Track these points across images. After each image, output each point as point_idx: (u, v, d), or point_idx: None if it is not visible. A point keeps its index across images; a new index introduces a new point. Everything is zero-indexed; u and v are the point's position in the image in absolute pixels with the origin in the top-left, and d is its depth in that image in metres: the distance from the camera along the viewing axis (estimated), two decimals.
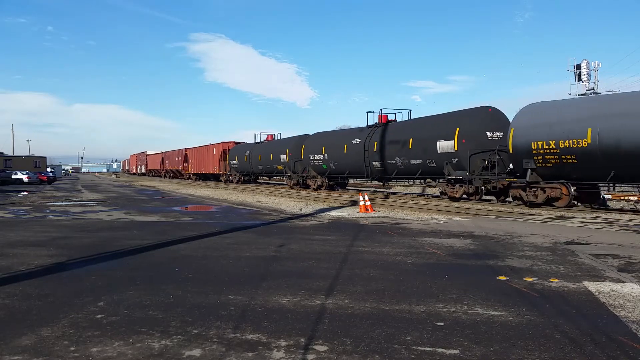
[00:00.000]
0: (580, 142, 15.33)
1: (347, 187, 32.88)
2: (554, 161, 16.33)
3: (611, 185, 16.86)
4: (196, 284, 6.26)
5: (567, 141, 15.71)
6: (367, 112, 26.93)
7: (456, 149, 19.86)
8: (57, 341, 4.21)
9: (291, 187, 34.45)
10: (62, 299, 5.58)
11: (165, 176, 73.24)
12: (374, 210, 16.58)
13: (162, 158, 75.91)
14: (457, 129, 19.90)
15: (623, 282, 6.17)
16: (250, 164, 41.17)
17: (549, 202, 16.98)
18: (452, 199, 20.47)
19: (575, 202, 17.33)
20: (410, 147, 22.21)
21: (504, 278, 6.45)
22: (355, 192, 26.36)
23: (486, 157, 19.26)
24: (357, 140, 26.47)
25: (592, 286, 5.93)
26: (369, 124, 26.41)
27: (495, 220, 13.62)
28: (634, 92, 15.79)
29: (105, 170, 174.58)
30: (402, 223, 13.06)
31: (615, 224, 12.30)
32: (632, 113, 14.15)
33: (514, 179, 18.25)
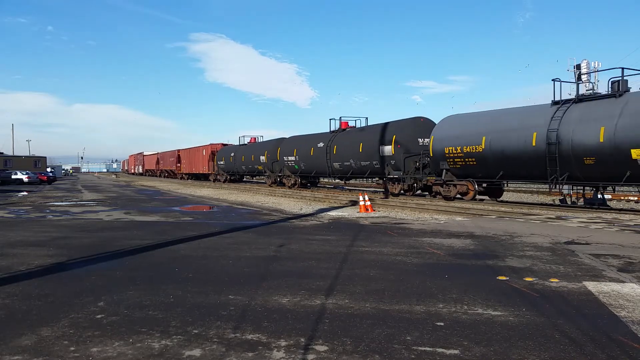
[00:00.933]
0: (477, 148, 19.42)
1: (317, 185, 37.31)
2: (461, 163, 20.39)
3: (504, 182, 20.73)
4: (196, 284, 6.26)
5: (468, 147, 19.81)
6: (330, 119, 30.64)
7: (393, 152, 23.88)
8: (57, 341, 4.21)
9: (269, 185, 38.11)
10: (62, 299, 5.58)
11: (160, 176, 75.31)
12: (374, 210, 16.59)
13: (157, 158, 78.27)
14: (394, 136, 23.98)
15: (623, 282, 6.17)
16: (235, 164, 44.78)
17: (460, 197, 21.00)
18: (393, 194, 24.36)
19: (484, 197, 21.62)
20: (360, 150, 26.32)
21: (504, 278, 6.45)
22: (346, 192, 26.45)
23: (417, 160, 23.25)
24: (321, 144, 30.41)
25: (592, 286, 5.93)
26: (331, 129, 30.24)
27: (495, 220, 13.62)
28: (514, 108, 19.66)
29: (105, 170, 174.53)
30: (402, 223, 13.07)
31: (615, 224, 12.30)
32: (511, 128, 18.48)
33: (435, 178, 22.09)
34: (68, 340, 4.22)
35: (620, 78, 16.11)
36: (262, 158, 39.03)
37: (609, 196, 21.06)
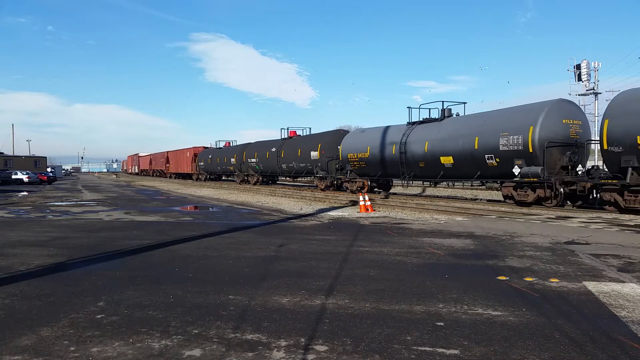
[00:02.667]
0: (365, 155, 26.60)
1: (277, 182, 43.89)
2: (358, 165, 27.41)
3: (389, 178, 26.73)
4: (196, 284, 6.26)
5: (361, 154, 26.88)
6: (281, 129, 38.12)
7: (319, 157, 31.06)
8: (57, 341, 4.21)
9: (239, 183, 44.45)
10: (62, 299, 5.58)
11: (152, 175, 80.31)
12: (374, 210, 16.59)
13: (150, 159, 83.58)
14: (320, 144, 31.25)
15: (623, 282, 6.16)
16: (212, 165, 51.83)
17: (359, 190, 25.98)
18: (322, 190, 30.72)
19: (380, 190, 28.03)
20: (299, 155, 33.42)
21: (504, 278, 6.45)
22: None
23: (337, 163, 29.74)
24: (273, 149, 37.28)
25: (592, 286, 5.93)
26: (282, 137, 37.62)
27: (495, 220, 13.62)
28: (388, 126, 25.91)
29: (105, 170, 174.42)
30: (402, 223, 13.07)
31: (615, 224, 12.30)
32: (383, 141, 25.17)
33: (345, 177, 28.82)
34: (68, 340, 4.22)
35: (449, 107, 23.18)
36: (233, 160, 45.74)
37: None
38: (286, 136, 37.25)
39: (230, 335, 4.32)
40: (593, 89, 44.19)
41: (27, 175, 47.60)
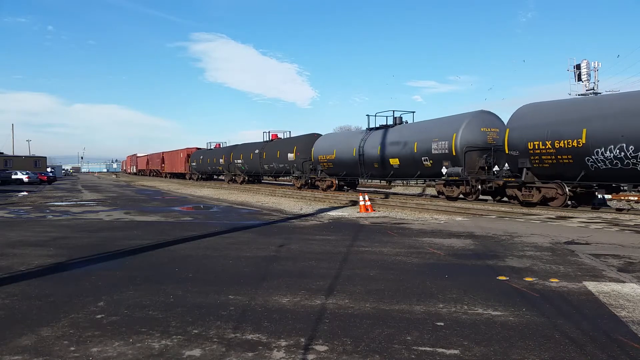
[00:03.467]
0: (331, 157, 29.76)
1: (262, 182, 47.14)
2: (327, 166, 30.79)
3: (355, 177, 29.72)
4: (196, 284, 6.26)
5: (328, 156, 30.14)
6: (264, 132, 41.84)
7: (295, 158, 34.19)
8: (57, 341, 4.21)
9: (227, 182, 47.58)
10: (62, 299, 5.58)
11: (149, 175, 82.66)
12: (374, 210, 16.59)
13: (147, 160, 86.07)
14: (295, 147, 34.49)
15: (623, 282, 6.17)
16: (203, 165, 54.94)
17: (329, 188, 30.67)
18: (298, 187, 34.07)
19: (348, 188, 31.49)
20: (277, 156, 36.81)
21: (504, 278, 6.45)
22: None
23: (311, 164, 32.65)
24: (257, 151, 40.77)
25: (592, 286, 5.93)
26: (264, 140, 41.49)
27: (495, 220, 13.63)
28: (349, 132, 31.85)
29: (105, 170, 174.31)
30: (402, 223, 13.07)
31: (615, 224, 12.30)
32: (345, 145, 28.73)
33: (317, 176, 32.06)
34: (68, 340, 4.22)
35: (400, 115, 26.59)
36: (221, 161, 48.76)
37: (609, 196, 21.09)
38: (268, 139, 40.97)
39: (230, 335, 4.32)
40: (593, 89, 44.20)
41: (27, 175, 47.60)
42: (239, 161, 44.52)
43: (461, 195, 21.01)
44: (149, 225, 13.16)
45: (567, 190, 16.79)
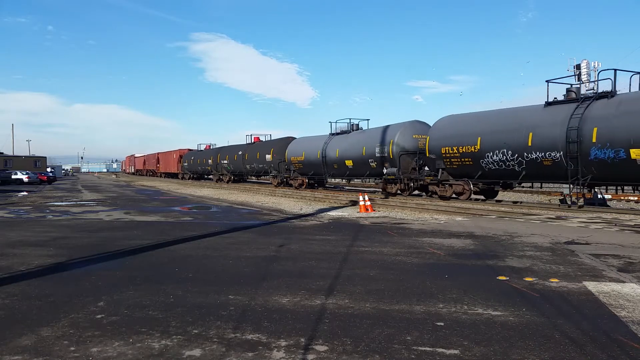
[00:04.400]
0: (300, 159, 33.53)
1: (246, 181, 50.37)
2: (297, 166, 34.25)
3: (322, 176, 32.82)
4: (196, 284, 6.26)
5: (298, 157, 33.85)
6: (247, 135, 46.22)
7: (272, 159, 38.05)
8: (57, 341, 4.21)
9: (215, 181, 50.97)
10: (62, 299, 5.58)
11: (146, 174, 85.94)
12: (374, 210, 16.59)
13: (144, 160, 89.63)
14: (272, 149, 38.26)
15: (623, 282, 6.17)
16: (193, 165, 58.57)
17: (300, 186, 33.97)
18: (275, 185, 37.87)
19: (317, 185, 34.92)
20: (257, 157, 40.84)
21: (504, 278, 6.45)
22: (339, 191, 26.62)
23: (285, 164, 35.99)
24: (240, 152, 44.50)
25: (592, 286, 5.93)
26: (247, 142, 45.17)
27: (495, 220, 13.63)
28: (316, 136, 33.64)
29: (105, 170, 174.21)
30: (402, 223, 13.07)
31: (615, 224, 12.30)
32: (310, 146, 32.81)
33: (290, 176, 35.42)
34: (68, 340, 4.22)
35: (358, 122, 30.42)
36: (210, 161, 52.11)
37: (609, 196, 21.18)
38: (250, 141, 45.05)
39: (230, 335, 4.32)
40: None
41: (27, 175, 47.59)
42: (225, 162, 48.17)
43: (398, 191, 24.80)
44: (149, 225, 13.16)
45: (471, 186, 20.67)
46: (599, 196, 18.97)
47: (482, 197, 21.85)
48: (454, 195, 21.32)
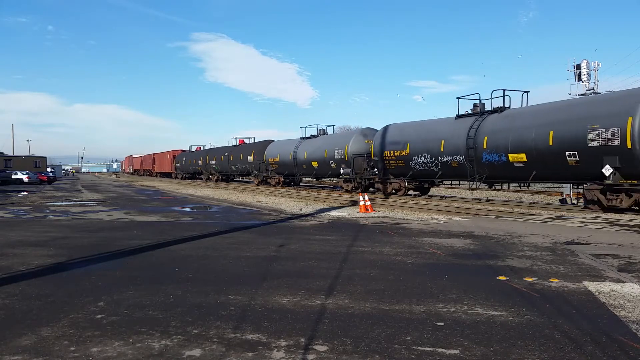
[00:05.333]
0: (277, 159, 37.35)
1: (234, 180, 53.14)
2: (275, 166, 38.25)
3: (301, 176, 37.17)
4: (196, 284, 6.26)
5: (274, 159, 37.79)
6: (232, 137, 50.46)
7: (252, 160, 42.28)
8: (57, 341, 4.21)
9: (205, 180, 54.16)
10: (62, 299, 5.58)
11: (143, 174, 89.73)
12: (374, 210, 16.59)
13: (141, 160, 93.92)
14: (253, 151, 42.55)
15: (623, 282, 6.16)
16: (185, 165, 62.54)
17: (276, 184, 38.15)
18: (257, 184, 41.83)
19: (293, 184, 38.60)
20: (241, 159, 44.98)
21: (504, 278, 6.45)
22: (333, 191, 26.67)
23: (264, 165, 40.08)
24: (226, 154, 48.48)
25: (592, 286, 5.93)
26: (232, 144, 49.67)
27: (495, 220, 13.62)
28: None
29: (105, 170, 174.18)
30: (402, 223, 13.07)
31: (615, 224, 12.30)
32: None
33: (268, 175, 39.60)
34: (68, 340, 4.22)
35: (325, 127, 35.03)
36: (200, 162, 55.90)
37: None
38: (235, 144, 49.23)
39: (230, 335, 4.32)
40: (593, 89, 44.18)
41: (27, 175, 47.60)
42: (213, 162, 52.05)
43: (354, 188, 28.33)
44: (149, 225, 13.16)
45: (406, 184, 24.39)
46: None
47: (417, 192, 25.52)
48: (393, 191, 25.12)
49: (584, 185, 16.54)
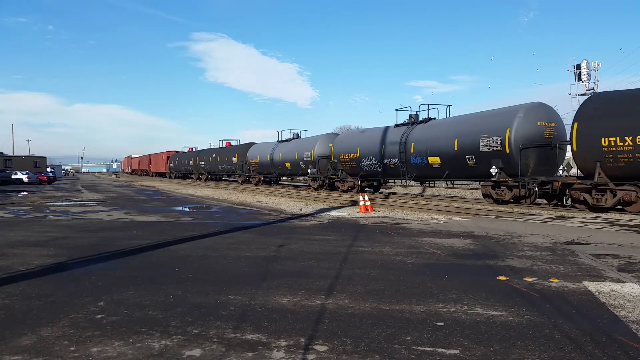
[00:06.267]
0: (257, 160, 41.93)
1: (222, 179, 56.64)
2: (255, 167, 42.70)
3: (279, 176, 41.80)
4: (196, 284, 6.26)
5: (254, 160, 42.39)
6: (219, 140, 54.78)
7: (237, 161, 46.63)
8: (57, 341, 4.21)
9: (195, 180, 58.40)
10: (62, 299, 5.58)
11: (140, 174, 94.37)
12: (374, 210, 16.59)
13: (139, 161, 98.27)
14: (237, 153, 47.13)
15: (623, 282, 6.17)
16: (178, 166, 67.11)
17: (257, 183, 42.97)
18: (240, 182, 45.62)
19: (273, 182, 43.16)
20: (227, 160, 49.39)
21: (504, 278, 6.45)
22: (335, 192, 26.66)
23: (247, 165, 44.45)
24: (214, 155, 53.04)
25: (592, 286, 5.93)
26: (220, 146, 53.66)
27: (495, 220, 13.62)
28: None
29: (105, 170, 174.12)
30: (402, 223, 13.07)
31: (615, 224, 12.30)
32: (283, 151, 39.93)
33: (249, 175, 44.29)
34: (68, 340, 4.22)
35: (298, 132, 39.48)
36: (191, 162, 60.74)
37: None
38: (222, 146, 53.08)
39: (230, 335, 4.32)
40: (593, 89, 44.17)
41: (26, 175, 47.57)
42: (202, 163, 56.49)
43: (319, 186, 32.40)
44: (149, 225, 13.16)
45: (359, 182, 28.14)
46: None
47: (371, 189, 29.03)
48: (349, 189, 28.94)
49: (480, 182, 20.91)
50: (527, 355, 3.84)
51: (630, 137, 14.43)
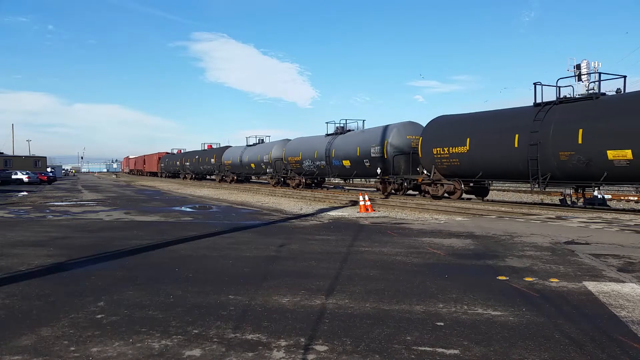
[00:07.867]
0: (230, 162, 47.12)
1: (207, 179, 60.12)
2: (229, 167, 47.69)
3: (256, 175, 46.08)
4: (196, 284, 6.26)
5: (228, 161, 47.73)
6: (202, 143, 60.12)
7: (214, 162, 51.52)
8: (57, 341, 4.21)
9: (182, 179, 62.95)
10: (62, 299, 5.58)
11: (136, 174, 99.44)
12: (374, 210, 16.59)
13: (135, 161, 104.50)
14: (215, 155, 51.85)
15: (623, 282, 6.17)
16: (168, 166, 72.47)
17: (232, 182, 47.72)
18: (218, 181, 50.44)
19: (245, 181, 47.84)
20: (207, 161, 54.33)
21: (504, 278, 6.45)
22: (334, 191, 26.65)
23: (223, 166, 48.33)
24: (197, 156, 58.40)
25: (592, 286, 5.93)
26: (202, 149, 59.41)
27: (495, 220, 13.63)
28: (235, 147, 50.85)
29: (105, 170, 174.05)
30: (402, 223, 13.07)
31: (615, 224, 12.30)
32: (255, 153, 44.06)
33: (225, 174, 48.52)
34: (68, 340, 4.22)
35: (263, 137, 45.97)
36: (178, 163, 66.00)
37: (609, 196, 21.32)
38: (204, 148, 58.46)
39: (230, 335, 4.32)
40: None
41: (27, 175, 47.54)
42: (187, 164, 61.82)
43: (276, 183, 37.96)
44: (149, 225, 13.16)
45: (303, 180, 33.84)
46: (599, 196, 19.52)
47: (314, 184, 34.72)
48: (296, 185, 34.27)
49: (373, 180, 29.23)
50: (527, 355, 3.84)
51: (447, 148, 21.04)
